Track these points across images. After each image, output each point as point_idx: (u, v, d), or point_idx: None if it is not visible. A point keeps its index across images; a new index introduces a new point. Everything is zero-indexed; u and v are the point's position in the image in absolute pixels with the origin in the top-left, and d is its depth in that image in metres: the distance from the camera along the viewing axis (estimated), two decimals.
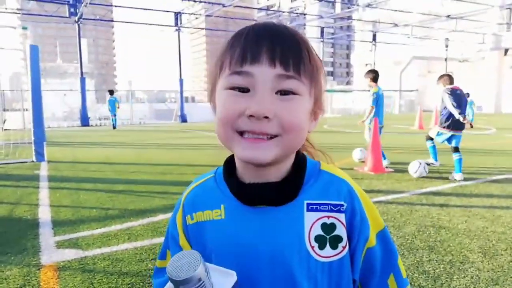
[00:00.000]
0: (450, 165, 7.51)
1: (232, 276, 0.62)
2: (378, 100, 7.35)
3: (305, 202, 0.71)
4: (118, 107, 20.12)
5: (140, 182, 6.38)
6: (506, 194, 5.43)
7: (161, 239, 3.78)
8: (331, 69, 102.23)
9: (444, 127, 6.59)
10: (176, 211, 0.82)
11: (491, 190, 5.70)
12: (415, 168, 6.53)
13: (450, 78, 6.81)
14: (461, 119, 6.33)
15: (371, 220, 0.74)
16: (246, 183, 0.73)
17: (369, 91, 7.54)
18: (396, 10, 26.65)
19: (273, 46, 0.65)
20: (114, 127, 19.80)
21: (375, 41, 31.22)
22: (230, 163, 0.77)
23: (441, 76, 6.97)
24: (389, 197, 5.29)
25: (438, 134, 6.74)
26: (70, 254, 3.48)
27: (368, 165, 7.08)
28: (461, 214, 4.51)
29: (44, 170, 7.51)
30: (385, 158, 7.46)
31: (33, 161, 8.38)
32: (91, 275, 3.06)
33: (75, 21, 21.22)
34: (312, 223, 0.71)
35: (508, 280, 2.92)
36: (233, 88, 0.66)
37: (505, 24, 28.67)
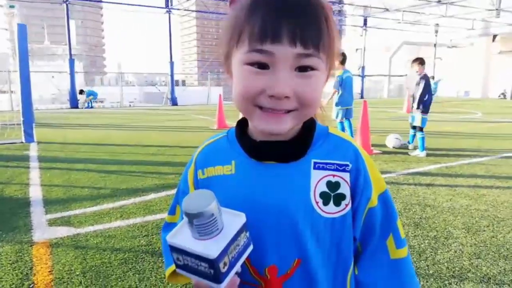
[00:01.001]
0: (438, 147, 7.65)
1: (241, 217, 0.66)
2: (343, 84, 7.55)
3: (312, 160, 0.76)
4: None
5: (132, 163, 6.38)
6: (489, 175, 5.58)
7: (153, 217, 3.83)
8: None
9: (423, 112, 7.12)
10: (188, 167, 0.86)
11: (476, 170, 5.84)
12: (392, 142, 7.66)
13: (424, 64, 7.31)
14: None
15: (374, 181, 0.78)
16: (257, 141, 0.77)
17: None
18: None
19: (294, 24, 0.65)
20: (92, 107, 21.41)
21: (365, 26, 31.11)
22: (242, 123, 0.82)
23: (416, 60, 7.36)
24: None
25: (424, 120, 7.14)
26: (62, 231, 3.51)
27: None
28: (446, 193, 4.64)
29: (34, 151, 7.46)
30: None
31: (22, 142, 8.31)
32: (84, 251, 3.10)
33: (63, 1, 20.74)
34: (318, 180, 0.75)
35: (490, 254, 3.04)
36: (252, 64, 0.68)
37: (494, 10, 28.74)
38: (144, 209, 4.06)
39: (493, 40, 32.32)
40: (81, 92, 21.19)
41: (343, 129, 7.81)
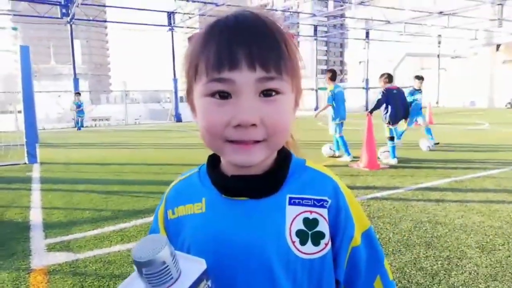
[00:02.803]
0: (447, 159, 7.52)
1: (201, 264, 0.60)
2: (335, 98, 7.81)
3: (287, 196, 0.70)
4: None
5: (135, 183, 6.30)
6: (501, 188, 5.41)
7: None
8: (324, 67, 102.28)
9: (388, 123, 7.48)
10: (159, 206, 0.81)
11: (486, 184, 5.68)
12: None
13: (389, 78, 7.59)
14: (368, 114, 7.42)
15: (356, 219, 0.72)
16: (228, 176, 0.71)
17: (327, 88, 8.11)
18: (388, 8, 26.67)
19: (251, 47, 0.62)
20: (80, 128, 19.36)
21: (368, 39, 31.23)
22: (214, 157, 0.76)
23: (382, 75, 7.67)
24: (385, 193, 5.26)
25: (391, 131, 7.48)
26: (61, 257, 3.42)
27: (363, 161, 7.05)
28: (457, 209, 4.48)
29: (36, 172, 7.42)
30: (349, 154, 7.61)
31: (25, 163, 8.28)
32: (82, 278, 3.01)
33: (67, 21, 21.04)
34: (293, 217, 0.68)
35: (507, 276, 2.89)
36: (213, 95, 0.64)
37: (497, 20, 28.77)
38: (145, 232, 3.95)
39: (497, 50, 32.23)
40: (78, 94, 19.63)
41: (344, 144, 7.75)
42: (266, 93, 0.63)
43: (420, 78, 9.30)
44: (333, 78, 7.87)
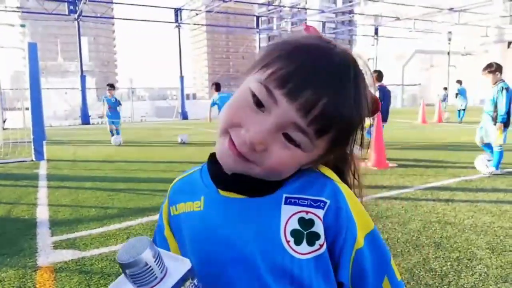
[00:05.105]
0: (457, 160, 7.43)
1: (185, 263, 0.60)
2: (219, 105, 8.71)
3: (284, 195, 0.69)
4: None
5: (141, 180, 6.30)
6: (511, 189, 5.33)
7: None
8: None
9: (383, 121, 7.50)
10: (163, 202, 0.83)
11: (497, 184, 5.60)
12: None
13: (380, 75, 7.49)
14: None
15: (358, 220, 0.69)
16: (227, 174, 0.70)
17: None
18: (398, 4, 26.44)
19: (317, 99, 0.61)
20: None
21: (377, 35, 31.01)
22: (215, 155, 0.76)
23: (374, 72, 7.39)
24: (393, 192, 5.20)
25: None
26: (67, 254, 3.41)
27: (371, 160, 6.99)
28: (467, 209, 4.42)
29: (43, 169, 7.45)
30: None
31: (32, 160, 8.31)
32: (88, 276, 3.00)
33: (74, 18, 21.14)
34: (288, 216, 0.67)
35: None
36: (253, 95, 0.64)
37: (508, 17, 28.41)
38: (151, 230, 3.94)
39: (508, 47, 31.86)
40: (112, 86, 12.52)
41: None
42: (288, 138, 0.64)
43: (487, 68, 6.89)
44: (217, 89, 9.22)
